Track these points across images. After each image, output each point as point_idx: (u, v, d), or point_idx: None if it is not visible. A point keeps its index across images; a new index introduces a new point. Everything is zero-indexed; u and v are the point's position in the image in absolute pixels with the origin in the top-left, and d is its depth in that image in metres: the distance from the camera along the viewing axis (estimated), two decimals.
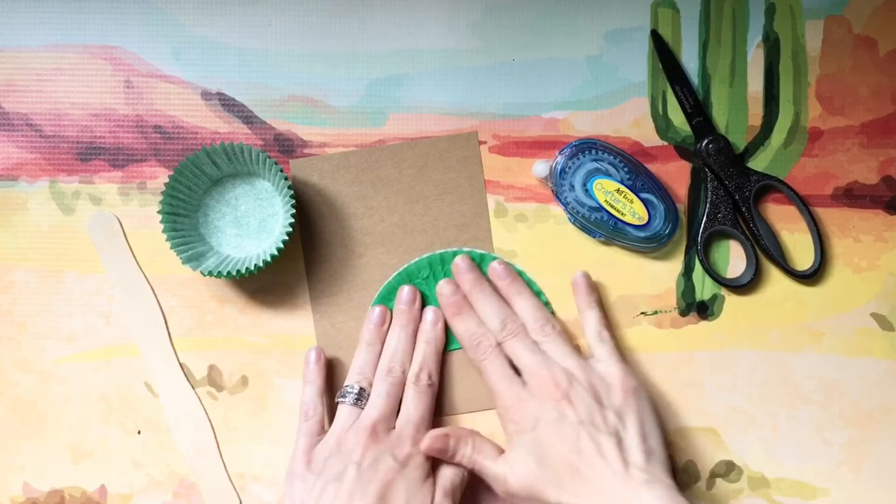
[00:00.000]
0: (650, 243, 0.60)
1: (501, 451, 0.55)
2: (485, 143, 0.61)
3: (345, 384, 0.57)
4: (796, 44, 0.62)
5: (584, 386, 0.54)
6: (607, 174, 0.59)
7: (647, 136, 0.61)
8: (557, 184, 0.59)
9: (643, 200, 0.59)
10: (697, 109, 0.61)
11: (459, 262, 0.59)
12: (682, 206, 0.61)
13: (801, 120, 0.62)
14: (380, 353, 0.58)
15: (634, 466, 0.51)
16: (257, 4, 0.61)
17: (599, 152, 0.59)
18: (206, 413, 0.59)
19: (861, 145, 0.61)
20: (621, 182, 0.59)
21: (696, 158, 0.61)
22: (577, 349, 0.57)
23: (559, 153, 0.59)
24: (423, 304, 0.60)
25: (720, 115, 0.62)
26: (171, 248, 0.56)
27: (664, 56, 0.61)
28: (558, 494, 0.50)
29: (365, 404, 0.56)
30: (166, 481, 0.59)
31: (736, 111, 0.62)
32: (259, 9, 0.61)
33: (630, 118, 0.61)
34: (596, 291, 0.59)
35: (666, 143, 0.61)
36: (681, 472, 0.60)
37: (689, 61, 0.62)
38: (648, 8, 0.62)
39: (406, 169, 0.61)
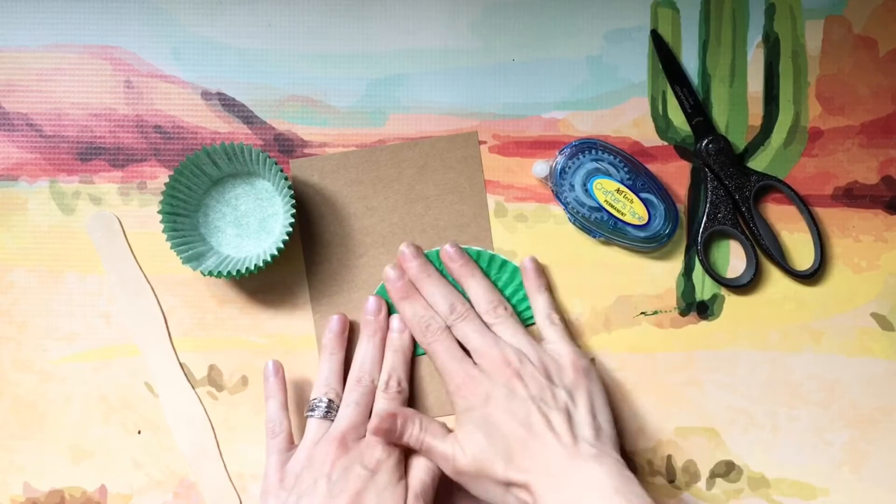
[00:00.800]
0: (650, 243, 0.59)
1: (450, 432, 0.55)
2: (485, 143, 0.61)
3: (311, 397, 0.57)
4: (796, 44, 0.62)
5: (535, 364, 0.54)
6: (607, 174, 0.59)
7: (647, 136, 0.61)
8: (557, 184, 0.59)
9: (643, 200, 0.59)
10: (697, 109, 0.61)
11: (404, 249, 0.59)
12: (682, 206, 0.61)
13: (801, 120, 0.62)
14: (343, 361, 0.58)
15: (584, 441, 0.51)
16: (257, 4, 0.61)
17: (599, 152, 0.59)
18: (206, 413, 0.59)
19: (861, 145, 0.61)
20: (621, 182, 0.59)
21: (696, 158, 0.61)
22: (528, 332, 0.57)
23: (559, 153, 0.59)
24: (390, 313, 0.60)
25: (720, 115, 0.62)
26: (172, 248, 0.56)
27: (664, 56, 0.61)
28: (507, 469, 0.50)
29: (333, 416, 0.56)
30: (166, 481, 0.59)
31: (736, 111, 0.62)
32: (259, 9, 0.61)
33: (630, 118, 0.61)
34: (544, 276, 0.59)
35: (666, 143, 0.61)
36: (681, 472, 0.60)
37: (689, 61, 0.62)
38: (648, 8, 0.62)
39: (406, 169, 0.61)
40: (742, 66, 0.62)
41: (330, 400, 0.56)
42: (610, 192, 0.59)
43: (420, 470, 0.55)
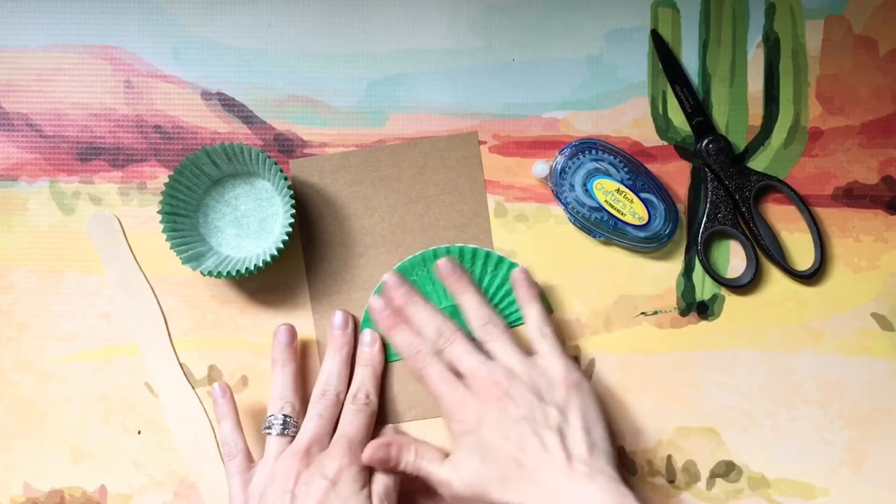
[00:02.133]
0: (650, 243, 0.59)
1: (445, 455, 0.54)
2: (485, 143, 0.61)
3: (268, 414, 0.56)
4: (796, 44, 0.62)
5: (525, 383, 0.53)
6: (607, 174, 0.59)
7: (648, 136, 0.61)
8: (557, 184, 0.59)
9: (643, 200, 0.59)
10: (697, 109, 0.61)
11: (388, 279, 0.58)
12: (682, 206, 0.61)
13: (802, 120, 0.62)
14: (296, 372, 0.58)
15: (577, 460, 0.50)
16: (257, 4, 0.61)
17: (599, 152, 0.59)
18: (206, 413, 0.59)
19: (861, 145, 0.61)
20: (621, 182, 0.59)
21: (697, 158, 0.61)
22: (522, 347, 0.56)
23: (559, 153, 0.59)
24: (357, 328, 0.60)
25: (720, 115, 0.62)
26: (171, 248, 0.56)
27: (664, 56, 0.61)
28: (503, 493, 0.50)
29: (291, 431, 0.56)
30: (166, 481, 0.59)
31: (736, 111, 0.62)
32: (259, 9, 0.61)
33: (630, 118, 0.61)
34: (536, 286, 0.59)
35: (666, 143, 0.61)
36: (681, 472, 0.60)
37: (690, 61, 0.62)
38: (648, 8, 0.62)
39: (406, 169, 0.61)
40: (742, 65, 0.62)
41: (286, 415, 0.56)
42: (610, 192, 0.59)
43: (382, 475, 0.55)
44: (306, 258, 0.60)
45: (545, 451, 0.51)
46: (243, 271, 0.56)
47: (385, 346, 0.59)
